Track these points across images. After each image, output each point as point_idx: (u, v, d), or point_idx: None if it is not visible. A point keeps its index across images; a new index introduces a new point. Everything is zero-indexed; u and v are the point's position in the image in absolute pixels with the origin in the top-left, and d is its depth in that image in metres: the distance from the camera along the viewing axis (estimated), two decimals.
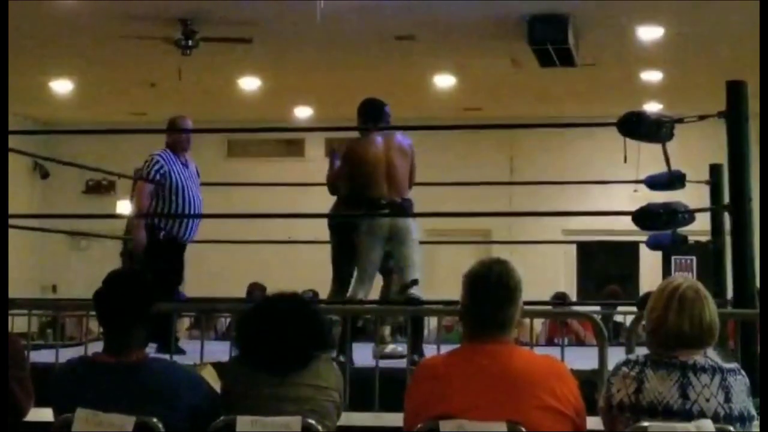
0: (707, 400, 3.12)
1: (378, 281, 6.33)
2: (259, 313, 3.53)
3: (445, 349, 3.49)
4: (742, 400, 3.17)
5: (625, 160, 5.88)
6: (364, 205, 6.03)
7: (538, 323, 9.31)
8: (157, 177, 6.71)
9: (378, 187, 6.04)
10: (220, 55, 10.43)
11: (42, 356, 5.14)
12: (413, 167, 6.25)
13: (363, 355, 5.57)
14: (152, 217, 6.69)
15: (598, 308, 8.58)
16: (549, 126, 10.89)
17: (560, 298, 9.93)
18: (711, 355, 3.28)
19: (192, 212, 6.78)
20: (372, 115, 6.30)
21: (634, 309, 6.57)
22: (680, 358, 3.19)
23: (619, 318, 8.81)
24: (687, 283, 3.29)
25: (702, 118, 5.27)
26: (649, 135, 5.41)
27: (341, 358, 5.42)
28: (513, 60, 10.70)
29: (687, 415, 3.11)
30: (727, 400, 3.13)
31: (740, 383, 3.19)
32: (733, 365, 3.26)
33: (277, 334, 3.41)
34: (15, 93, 10.37)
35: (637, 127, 5.36)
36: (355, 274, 6.07)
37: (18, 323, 6.50)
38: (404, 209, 6.07)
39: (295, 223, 12.15)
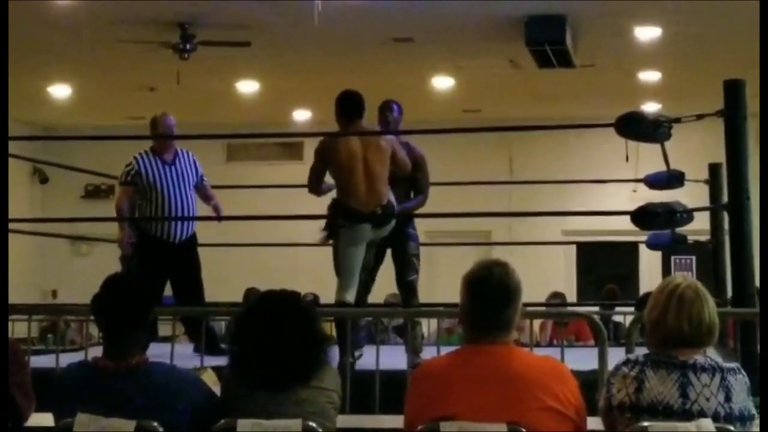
0: (707, 400, 3.12)
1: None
2: (255, 324, 3.41)
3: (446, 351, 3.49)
4: (743, 400, 3.16)
5: (627, 159, 5.88)
6: (345, 216, 5.79)
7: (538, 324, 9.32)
8: (128, 179, 6.76)
9: (357, 195, 5.78)
10: (219, 59, 10.44)
11: (42, 361, 5.14)
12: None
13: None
14: (130, 219, 6.74)
15: (596, 308, 8.59)
16: (547, 128, 10.89)
17: (556, 298, 9.92)
18: (711, 355, 3.28)
19: (174, 212, 6.73)
20: (348, 108, 6.01)
21: (633, 309, 6.58)
22: (680, 357, 3.19)
23: (618, 318, 8.81)
24: (686, 282, 3.29)
25: (700, 117, 5.27)
26: (647, 135, 5.42)
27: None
28: (511, 61, 10.70)
29: (687, 415, 3.10)
30: (728, 399, 3.13)
31: (740, 382, 3.18)
32: (733, 364, 3.26)
33: (274, 350, 3.33)
34: (14, 98, 10.36)
35: (635, 127, 5.37)
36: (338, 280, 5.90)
37: (18, 328, 6.50)
38: (388, 216, 5.83)
39: (294, 225, 12.15)
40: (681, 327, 3.20)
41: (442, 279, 12.60)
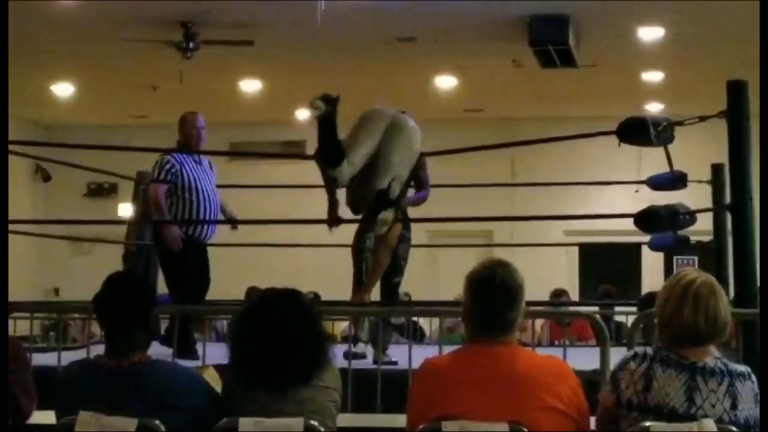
0: (713, 406, 3.08)
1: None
2: (256, 323, 3.38)
3: (447, 350, 3.48)
4: (749, 407, 3.12)
5: (620, 145, 5.80)
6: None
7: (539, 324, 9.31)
8: (168, 177, 6.49)
9: None
10: (221, 58, 10.44)
11: (44, 359, 5.14)
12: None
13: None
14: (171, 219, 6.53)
15: (597, 308, 8.58)
16: (548, 141, 10.83)
17: (559, 295, 9.90)
18: (715, 353, 3.22)
19: (208, 209, 6.56)
20: None
21: (635, 309, 6.57)
22: (690, 358, 3.14)
23: (620, 318, 8.81)
24: (701, 278, 3.21)
25: (703, 119, 5.26)
26: (649, 140, 5.40)
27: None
28: (514, 61, 10.71)
29: (691, 420, 3.07)
30: (734, 407, 3.09)
31: (748, 389, 3.13)
32: (744, 368, 3.19)
33: (275, 348, 3.30)
34: (17, 96, 10.39)
35: (636, 133, 5.36)
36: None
37: (20, 326, 6.50)
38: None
39: (297, 225, 12.14)
40: (697, 323, 3.14)
41: (444, 278, 12.64)
